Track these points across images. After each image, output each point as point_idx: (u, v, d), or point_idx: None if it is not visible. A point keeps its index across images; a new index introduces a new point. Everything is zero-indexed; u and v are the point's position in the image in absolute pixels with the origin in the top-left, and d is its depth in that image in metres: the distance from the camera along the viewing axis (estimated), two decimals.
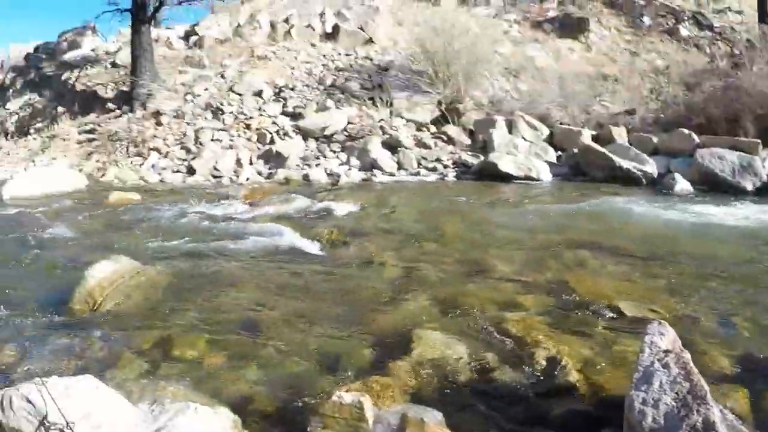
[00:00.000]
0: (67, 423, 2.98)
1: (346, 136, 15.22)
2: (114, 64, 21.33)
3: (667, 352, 3.12)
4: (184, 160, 15.27)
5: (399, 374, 4.16)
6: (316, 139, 15.39)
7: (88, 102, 19.77)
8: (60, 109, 20.07)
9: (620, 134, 13.48)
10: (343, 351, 4.58)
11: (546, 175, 12.61)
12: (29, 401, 3.22)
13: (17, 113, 21.43)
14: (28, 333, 5.01)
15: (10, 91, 22.77)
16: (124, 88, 19.36)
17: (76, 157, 16.76)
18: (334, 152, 14.88)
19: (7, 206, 11.09)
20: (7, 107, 21.92)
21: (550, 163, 13.15)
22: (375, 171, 13.59)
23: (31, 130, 19.99)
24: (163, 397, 3.59)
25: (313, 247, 7.48)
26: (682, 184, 10.87)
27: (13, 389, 3.35)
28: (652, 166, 11.83)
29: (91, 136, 17.57)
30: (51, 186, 12.80)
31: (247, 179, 13.91)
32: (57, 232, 8.70)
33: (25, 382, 3.50)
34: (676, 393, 2.81)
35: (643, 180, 11.66)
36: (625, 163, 11.86)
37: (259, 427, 3.59)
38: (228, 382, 4.16)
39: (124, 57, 20.48)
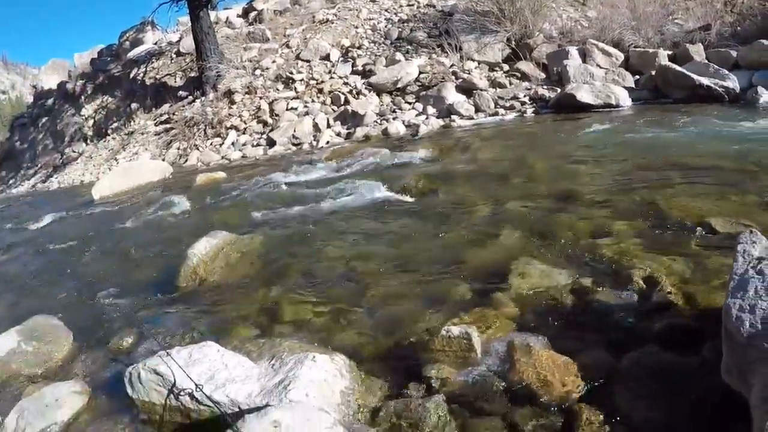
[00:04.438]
0: (196, 385, 3.13)
1: (420, 86, 15.14)
2: (179, 53, 21.76)
3: (760, 259, 3.07)
4: (262, 133, 15.54)
5: (502, 305, 4.23)
6: (390, 93, 15.38)
7: (159, 94, 20.26)
8: (133, 105, 20.63)
9: (697, 51, 12.94)
10: (445, 289, 4.66)
11: (625, 101, 12.26)
12: (156, 372, 3.41)
13: (93, 117, 22.17)
14: (143, 314, 5.28)
15: (82, 97, 23.46)
16: (193, 74, 19.76)
17: (157, 149, 17.26)
18: (410, 104, 14.86)
19: (99, 205, 11.55)
20: (81, 113, 22.65)
21: (629, 89, 12.75)
22: (453, 117, 13.52)
23: (109, 131, 20.67)
24: (281, 352, 3.75)
25: (402, 197, 7.56)
26: (767, 97, 10.45)
27: (139, 365, 3.54)
28: (733, 82, 11.30)
29: (167, 125, 18.06)
30: (137, 179, 13.24)
31: (327, 142, 14.06)
32: (152, 220, 9.06)
33: (148, 357, 3.68)
34: None
35: (726, 96, 11.16)
36: (705, 81, 11.39)
37: (374, 368, 3.72)
38: (338, 331, 4.30)
39: (188, 44, 20.88)
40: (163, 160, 15.84)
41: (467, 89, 14.38)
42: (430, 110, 14.14)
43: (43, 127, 24.47)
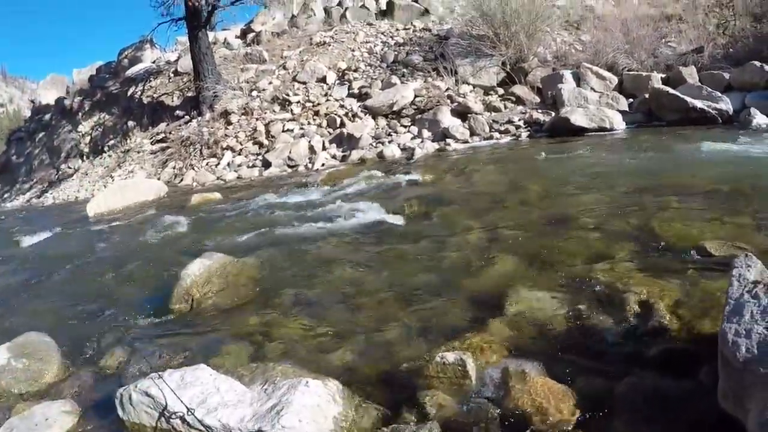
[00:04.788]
0: (188, 409, 3.10)
1: (415, 109, 15.19)
2: (176, 72, 21.82)
3: (756, 283, 3.05)
4: (258, 154, 15.59)
5: (497, 331, 4.21)
6: (386, 116, 15.42)
7: (156, 113, 20.31)
8: (130, 123, 20.67)
9: (690, 74, 13.01)
10: (440, 315, 4.65)
11: (619, 124, 12.33)
12: (148, 395, 3.39)
13: (89, 134, 22.18)
14: (134, 336, 5.24)
15: (80, 114, 23.48)
16: (190, 94, 19.81)
17: (153, 167, 17.28)
18: (405, 127, 14.90)
19: (93, 223, 11.54)
20: (78, 130, 22.65)
21: (623, 112, 12.82)
22: (448, 140, 13.56)
23: (105, 148, 20.68)
24: (274, 376, 3.73)
25: (396, 221, 7.55)
26: (760, 119, 10.42)
27: (130, 386, 3.51)
28: (726, 103, 11.38)
29: (164, 144, 18.10)
30: (132, 197, 13.23)
31: (323, 164, 14.08)
32: (146, 239, 9.01)
33: (140, 379, 3.65)
34: (767, 322, 2.76)
35: (719, 118, 11.22)
36: (699, 103, 11.47)
37: (367, 394, 3.69)
38: (332, 355, 4.27)
39: (185, 64, 20.94)
40: (159, 179, 15.85)
41: (462, 113, 14.43)
42: (426, 133, 14.19)
43: (40, 141, 24.46)
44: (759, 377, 2.59)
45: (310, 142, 15.04)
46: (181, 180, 15.67)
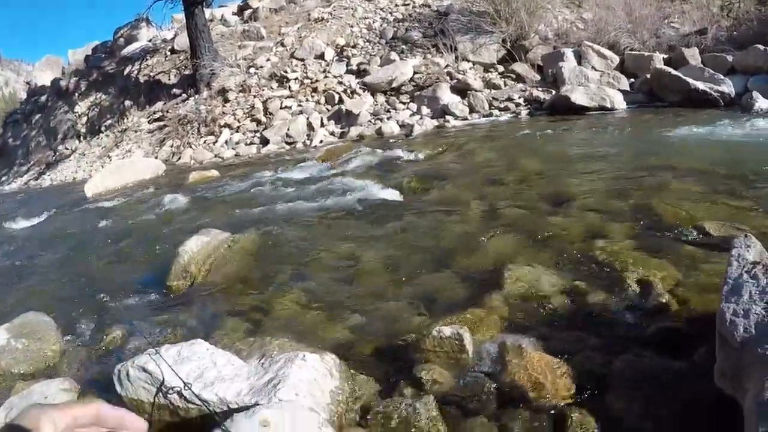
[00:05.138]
0: (185, 384, 3.09)
1: (414, 86, 15.12)
2: (173, 51, 21.66)
3: (755, 263, 3.05)
4: (256, 131, 15.52)
5: (494, 306, 4.22)
6: (384, 92, 15.35)
7: (153, 91, 20.17)
8: (127, 103, 20.53)
9: (693, 55, 12.97)
10: (437, 290, 4.66)
11: (620, 104, 12.27)
12: (145, 370, 3.37)
13: (86, 114, 22.01)
14: (132, 313, 5.26)
15: (76, 94, 23.31)
16: (187, 72, 19.67)
17: (150, 146, 17.20)
18: (404, 104, 14.85)
19: (91, 202, 11.49)
20: (75, 110, 22.49)
21: (624, 91, 12.76)
22: (447, 117, 13.54)
23: (102, 128, 20.54)
24: (271, 350, 3.73)
25: (395, 196, 7.55)
26: (761, 103, 10.33)
27: (128, 363, 3.50)
28: (728, 86, 11.30)
29: (161, 123, 17.99)
30: (130, 177, 13.20)
31: (321, 141, 14.05)
32: (144, 218, 9.02)
33: (137, 355, 3.64)
34: (766, 302, 2.76)
35: (721, 101, 11.15)
36: (701, 85, 11.38)
37: (364, 368, 3.70)
38: (329, 330, 4.29)
39: (182, 42, 20.78)
40: (156, 157, 15.78)
41: (462, 90, 14.38)
42: (425, 110, 14.15)
43: (36, 123, 24.30)
44: (757, 357, 2.58)
45: (308, 118, 14.97)
46: (179, 158, 15.60)
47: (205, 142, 15.92)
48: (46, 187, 18.05)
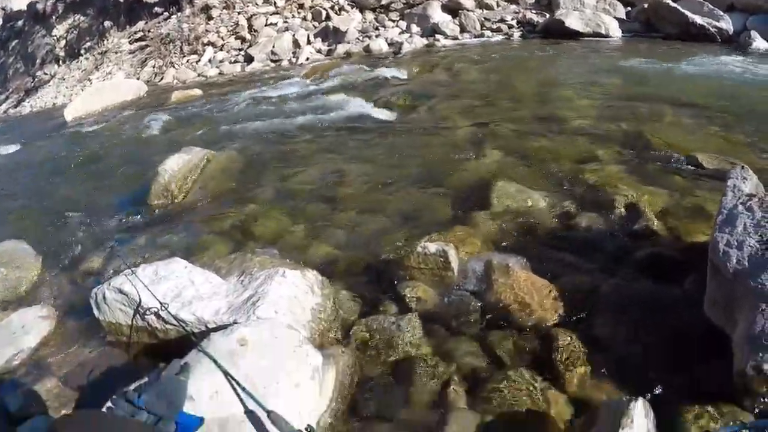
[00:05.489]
0: (161, 304, 2.99)
1: (404, 3, 14.79)
2: None
3: (750, 196, 3.02)
4: (240, 49, 15.25)
5: (481, 224, 4.16)
6: (373, 9, 15.05)
7: (133, 11, 19.60)
8: (107, 24, 19.96)
9: None
10: (424, 208, 4.59)
11: (615, 32, 12.04)
12: (121, 292, 3.27)
13: (64, 38, 21.40)
14: (112, 235, 5.14)
15: (53, 17, 22.63)
16: None
17: (131, 67, 16.86)
18: (394, 21, 14.59)
19: (71, 127, 11.26)
20: (53, 34, 21.86)
21: (619, 20, 12.48)
22: (437, 36, 13.31)
23: (82, 51, 20.02)
24: (251, 267, 3.61)
25: (382, 114, 7.43)
26: (759, 43, 10.12)
27: (104, 285, 3.39)
28: (727, 23, 11.03)
29: (142, 43, 17.58)
30: (111, 99, 12.93)
31: (307, 59, 13.79)
32: (125, 139, 8.87)
33: (114, 277, 3.54)
34: (760, 236, 2.73)
35: (718, 37, 10.92)
36: (699, 19, 11.12)
37: (347, 285, 3.63)
38: (313, 247, 4.21)
39: None
40: (138, 78, 15.47)
41: (453, 9, 14.09)
42: (414, 29, 13.90)
43: (14, 50, 23.67)
44: (749, 290, 2.55)
45: (294, 36, 14.65)
46: (161, 78, 15.32)
47: (188, 62, 15.62)
48: (25, 115, 17.71)
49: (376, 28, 14.32)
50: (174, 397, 1.82)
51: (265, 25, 15.52)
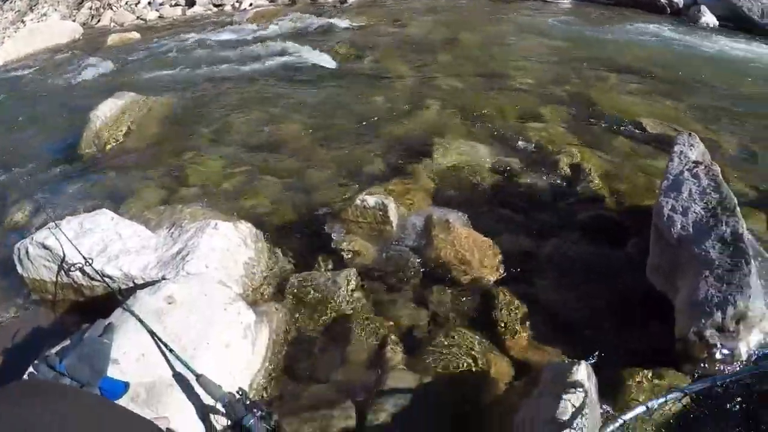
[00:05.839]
0: (86, 259, 2.85)
1: None
2: None
3: (697, 163, 3.06)
4: None
5: (421, 178, 4.09)
6: None
7: None
8: None
9: None
10: (364, 160, 4.49)
11: None
12: (45, 247, 3.09)
13: None
14: (38, 186, 4.89)
15: None
16: None
17: (68, 9, 16.19)
18: None
19: (1, 72, 10.80)
20: None
21: None
22: None
23: None
24: (181, 219, 3.47)
25: (325, 63, 7.26)
26: (708, 18, 10.13)
27: (27, 240, 3.20)
28: None
29: None
30: (45, 41, 12.43)
31: (251, 4, 13.39)
32: (57, 84, 8.47)
33: (37, 231, 3.35)
34: (705, 203, 2.77)
35: (668, 8, 10.83)
36: None
37: (282, 238, 3.53)
38: (248, 198, 4.08)
39: None
40: (74, 21, 14.92)
41: None
42: None
43: None
44: (693, 257, 2.57)
45: None
46: (98, 21, 14.78)
47: (126, 3, 15.08)
48: None
49: None
50: (97, 360, 1.74)
51: None
